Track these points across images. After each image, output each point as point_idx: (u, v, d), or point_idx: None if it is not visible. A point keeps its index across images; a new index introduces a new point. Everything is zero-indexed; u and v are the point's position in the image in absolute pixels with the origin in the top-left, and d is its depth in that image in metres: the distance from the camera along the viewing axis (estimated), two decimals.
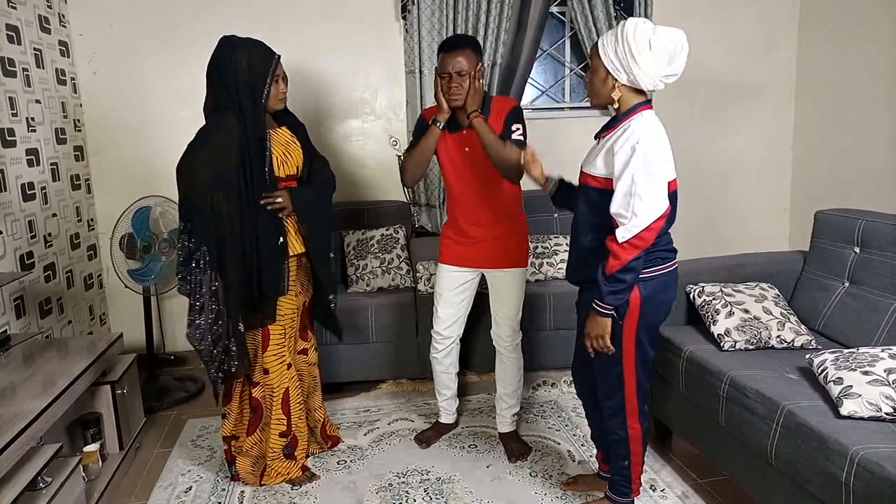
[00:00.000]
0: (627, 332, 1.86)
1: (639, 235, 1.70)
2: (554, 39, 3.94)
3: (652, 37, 1.71)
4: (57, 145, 3.10)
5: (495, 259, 2.42)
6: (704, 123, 3.93)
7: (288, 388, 2.35)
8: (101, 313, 3.51)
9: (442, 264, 2.52)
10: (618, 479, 2.07)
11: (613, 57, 1.76)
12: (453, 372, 2.66)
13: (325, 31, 3.52)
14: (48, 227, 2.98)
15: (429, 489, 2.36)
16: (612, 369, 1.92)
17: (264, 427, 2.37)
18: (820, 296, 2.48)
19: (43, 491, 1.84)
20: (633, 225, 1.70)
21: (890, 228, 2.30)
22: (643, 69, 1.73)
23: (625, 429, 1.97)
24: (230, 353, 2.19)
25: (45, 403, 1.89)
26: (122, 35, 3.38)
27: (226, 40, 2.20)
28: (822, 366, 1.90)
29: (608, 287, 1.76)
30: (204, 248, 2.10)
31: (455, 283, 2.50)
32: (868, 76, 3.43)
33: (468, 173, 2.36)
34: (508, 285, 2.45)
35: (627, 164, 1.71)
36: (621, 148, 1.74)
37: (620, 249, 1.71)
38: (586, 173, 1.90)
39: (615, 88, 1.79)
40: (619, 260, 1.72)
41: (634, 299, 1.83)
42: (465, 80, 2.22)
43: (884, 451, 1.57)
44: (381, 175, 3.71)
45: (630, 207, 1.69)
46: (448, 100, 2.26)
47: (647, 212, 1.69)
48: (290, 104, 2.34)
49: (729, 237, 4.01)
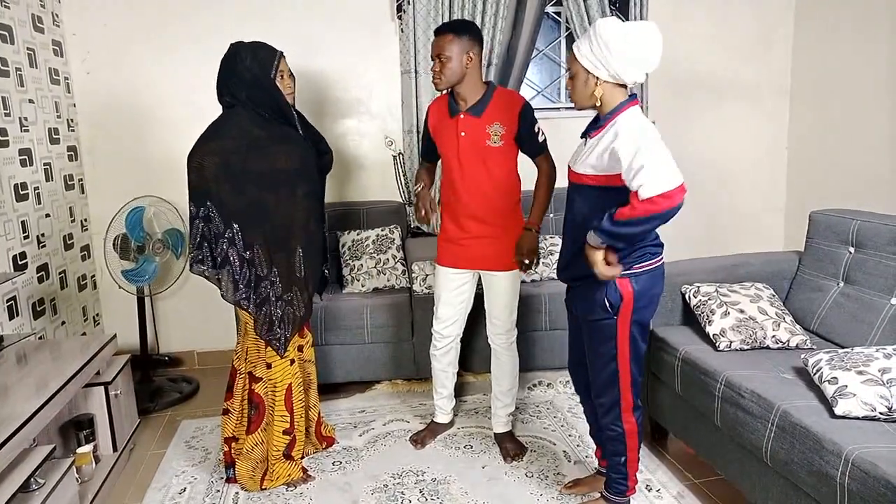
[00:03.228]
0: (622, 328, 1.89)
1: (660, 196, 1.64)
2: (549, 39, 3.94)
3: (623, 29, 1.76)
4: (50, 145, 3.09)
5: (491, 261, 2.42)
6: (700, 123, 3.94)
7: (291, 384, 2.34)
8: (94, 314, 3.49)
9: (439, 266, 2.52)
10: (615, 476, 2.07)
11: (589, 55, 1.79)
12: (451, 371, 2.66)
13: (320, 30, 3.51)
14: (41, 227, 2.96)
15: (424, 490, 2.35)
16: (608, 365, 1.94)
17: (266, 426, 2.36)
18: (815, 296, 2.49)
19: (36, 493, 1.82)
20: (653, 186, 1.64)
21: (885, 229, 2.30)
22: (620, 60, 1.76)
23: (620, 424, 2.00)
24: (286, 310, 2.27)
25: (38, 405, 1.88)
26: (115, 34, 3.37)
27: (231, 47, 2.25)
28: (817, 366, 1.90)
29: (608, 226, 1.72)
30: (235, 227, 2.14)
31: (453, 285, 2.50)
32: (864, 76, 3.44)
33: (465, 159, 2.36)
34: (503, 286, 2.46)
35: (634, 148, 1.69)
36: (623, 143, 1.73)
37: (638, 202, 1.67)
38: (580, 173, 1.91)
39: (597, 86, 1.82)
40: (634, 211, 1.68)
41: (628, 295, 1.86)
42: (447, 64, 2.26)
43: (878, 451, 1.57)
44: (377, 175, 3.71)
45: (648, 173, 1.65)
46: (434, 82, 2.34)
47: (663, 174, 1.65)
48: None
49: (724, 237, 4.02)
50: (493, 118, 2.32)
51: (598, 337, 1.95)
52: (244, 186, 2.15)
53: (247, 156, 2.15)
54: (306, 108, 3.46)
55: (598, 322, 1.92)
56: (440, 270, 2.52)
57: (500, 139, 2.32)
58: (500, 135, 2.32)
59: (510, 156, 2.38)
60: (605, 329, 1.91)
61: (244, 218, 2.16)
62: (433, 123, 2.48)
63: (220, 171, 2.12)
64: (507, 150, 2.36)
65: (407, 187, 3.65)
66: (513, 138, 2.34)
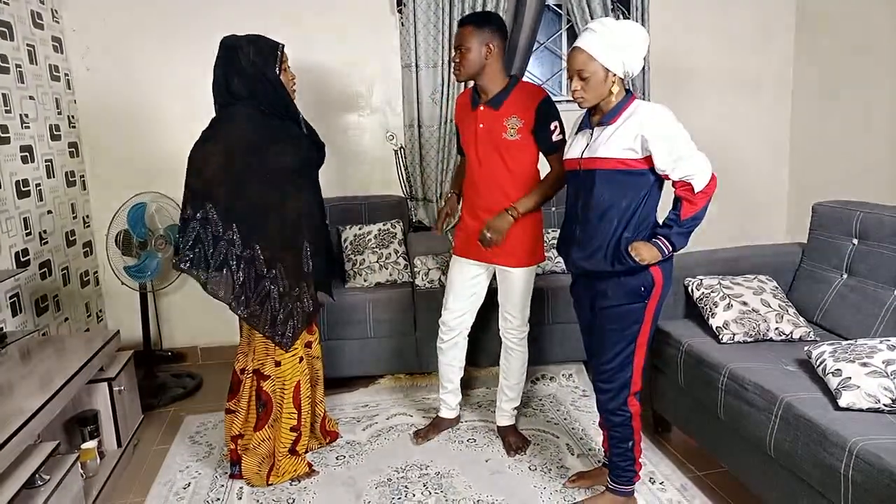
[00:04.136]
0: (649, 312, 1.96)
1: (709, 185, 1.85)
2: (550, 32, 3.92)
3: (626, 26, 1.85)
4: (51, 142, 3.09)
5: (507, 256, 2.39)
6: (701, 115, 3.90)
7: (300, 382, 2.34)
8: (97, 310, 3.50)
9: (455, 256, 2.52)
10: (624, 464, 2.08)
11: (610, 53, 1.82)
12: (457, 366, 2.64)
13: (320, 24, 3.50)
14: (43, 224, 2.96)
15: (428, 484, 2.36)
16: (626, 348, 1.98)
17: (274, 422, 2.36)
18: (818, 288, 2.48)
19: (41, 489, 1.83)
20: (703, 176, 1.83)
21: (888, 220, 2.30)
22: (631, 55, 1.84)
23: (628, 407, 2.03)
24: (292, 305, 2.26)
25: (43, 401, 1.88)
26: (115, 30, 3.36)
27: (227, 40, 2.18)
28: (821, 358, 1.90)
29: (681, 229, 1.88)
30: (235, 228, 2.12)
31: (466, 276, 2.49)
32: (866, 67, 3.42)
33: (483, 151, 2.35)
34: (518, 282, 2.43)
35: (668, 136, 1.81)
36: (655, 131, 1.81)
37: (697, 197, 1.85)
38: (603, 157, 1.88)
39: (614, 83, 1.87)
40: (696, 206, 1.86)
41: (658, 279, 1.93)
42: (467, 55, 2.26)
43: (882, 443, 1.57)
44: (379, 170, 3.70)
45: (693, 164, 1.83)
46: (455, 74, 2.34)
47: (705, 164, 1.84)
48: None
49: (727, 230, 3.99)
50: (511, 111, 2.29)
51: (622, 322, 1.96)
52: (247, 186, 2.12)
53: (250, 155, 2.12)
54: (306, 103, 3.46)
55: (624, 307, 1.95)
56: (455, 260, 2.52)
57: (517, 133, 2.29)
58: (517, 128, 2.28)
59: (529, 150, 2.33)
60: (631, 314, 1.95)
61: (246, 218, 2.13)
62: (459, 116, 2.49)
63: (222, 173, 2.09)
64: (524, 145, 2.31)
65: (409, 181, 3.65)
66: (530, 132, 2.29)
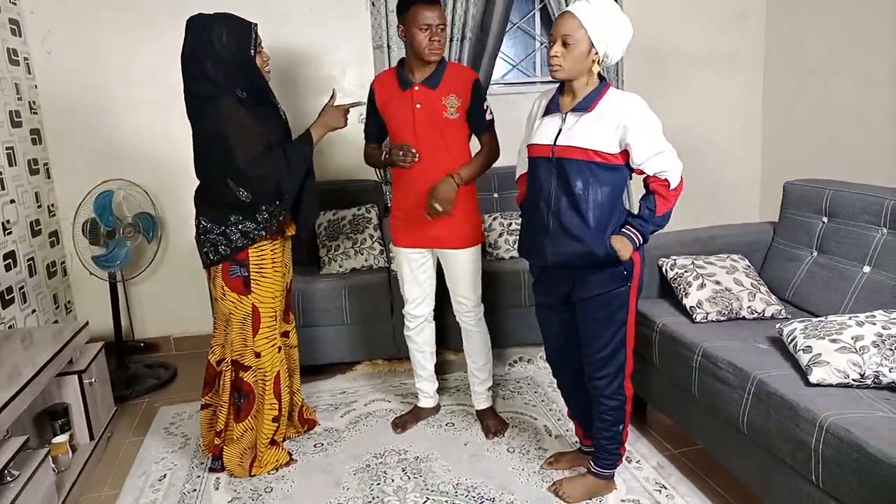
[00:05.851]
0: (632, 294, 1.96)
1: (680, 183, 1.89)
2: (524, 12, 3.89)
3: (617, 10, 1.79)
4: (12, 128, 2.99)
5: (449, 239, 2.37)
6: (674, 95, 3.93)
7: (279, 372, 2.32)
8: (66, 301, 3.42)
9: (397, 247, 2.48)
10: (611, 447, 2.08)
11: (599, 28, 1.75)
12: (428, 350, 2.63)
13: (290, 5, 3.42)
14: (6, 213, 2.88)
15: (407, 469, 2.36)
16: (617, 333, 1.97)
17: (256, 414, 2.33)
18: (789, 266, 2.51)
19: (11, 484, 1.79)
20: (676, 173, 1.88)
21: (857, 198, 2.33)
22: (615, 40, 1.78)
23: (623, 391, 2.03)
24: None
25: (10, 395, 1.84)
26: (76, 12, 3.25)
27: (196, 20, 2.08)
28: (792, 335, 1.93)
29: (653, 227, 1.91)
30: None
31: (414, 265, 2.47)
32: (837, 47, 3.45)
33: (421, 132, 2.29)
34: (466, 263, 2.41)
35: (648, 131, 1.82)
36: (633, 120, 1.79)
37: (671, 194, 1.89)
38: (583, 148, 1.83)
39: (594, 62, 1.81)
40: (668, 203, 1.89)
41: (637, 262, 1.93)
42: (444, 34, 2.23)
43: (851, 417, 1.60)
44: (352, 154, 3.62)
45: (667, 160, 1.85)
46: (429, 54, 2.23)
47: (675, 161, 1.88)
48: None
49: (700, 210, 4.01)
50: (449, 90, 2.27)
51: (609, 308, 1.94)
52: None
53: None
54: (276, 86, 3.38)
55: (609, 293, 1.93)
56: (398, 251, 2.48)
57: (456, 111, 2.28)
58: (455, 107, 2.28)
59: (465, 130, 2.36)
60: (618, 298, 1.94)
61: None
62: (382, 99, 2.37)
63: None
64: (462, 124, 2.32)
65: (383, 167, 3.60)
66: (465, 112, 2.30)
